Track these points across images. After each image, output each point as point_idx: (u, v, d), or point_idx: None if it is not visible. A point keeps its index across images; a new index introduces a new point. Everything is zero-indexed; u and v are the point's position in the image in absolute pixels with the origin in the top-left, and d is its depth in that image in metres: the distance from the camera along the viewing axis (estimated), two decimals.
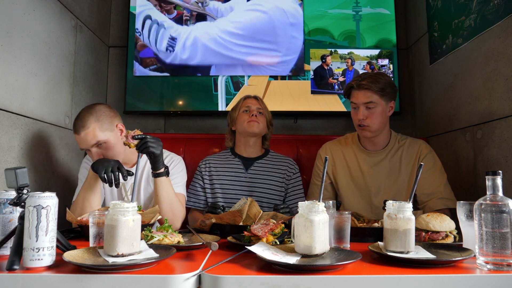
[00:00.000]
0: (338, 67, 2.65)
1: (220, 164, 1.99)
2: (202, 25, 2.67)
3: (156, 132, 2.68)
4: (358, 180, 1.88)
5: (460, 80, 2.06)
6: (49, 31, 1.97)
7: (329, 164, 1.95)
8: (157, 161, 1.56)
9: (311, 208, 1.06)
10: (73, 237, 1.44)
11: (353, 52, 2.66)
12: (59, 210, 1.05)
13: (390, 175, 1.84)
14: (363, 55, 2.65)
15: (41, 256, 0.98)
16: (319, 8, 2.70)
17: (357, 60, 2.65)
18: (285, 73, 2.64)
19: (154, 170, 1.59)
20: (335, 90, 2.64)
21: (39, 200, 0.99)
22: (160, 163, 1.58)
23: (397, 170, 1.84)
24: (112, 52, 2.78)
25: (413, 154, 1.84)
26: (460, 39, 2.05)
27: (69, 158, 2.17)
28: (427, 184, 1.76)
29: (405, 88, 2.70)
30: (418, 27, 2.59)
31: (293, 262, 0.99)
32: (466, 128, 2.00)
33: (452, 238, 1.34)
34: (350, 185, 1.90)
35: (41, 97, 1.92)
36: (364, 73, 1.84)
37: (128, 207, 1.03)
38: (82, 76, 2.35)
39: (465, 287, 0.95)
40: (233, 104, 2.12)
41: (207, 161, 2.01)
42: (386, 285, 0.94)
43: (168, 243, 1.24)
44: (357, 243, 1.34)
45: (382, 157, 1.87)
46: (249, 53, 2.65)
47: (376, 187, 1.86)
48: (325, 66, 2.66)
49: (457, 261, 1.06)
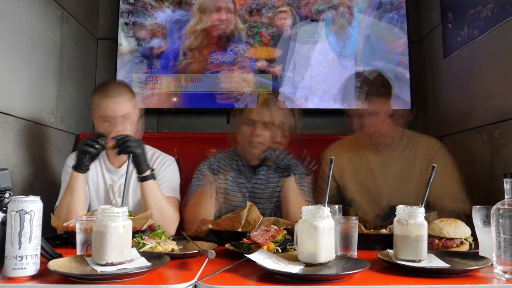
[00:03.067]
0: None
1: (223, 166, 1.96)
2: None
3: (148, 132, 2.68)
4: (368, 182, 1.89)
5: (476, 75, 2.06)
6: (33, 22, 1.97)
7: (336, 167, 1.96)
8: (139, 162, 1.57)
9: (316, 213, 1.06)
10: (58, 245, 1.44)
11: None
12: (44, 215, 1.04)
13: (401, 176, 1.85)
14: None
15: (25, 265, 0.97)
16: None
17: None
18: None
19: (139, 173, 1.59)
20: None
21: (22, 204, 0.99)
22: (144, 165, 1.59)
23: (409, 170, 1.85)
24: (101, 44, 2.77)
25: (425, 153, 1.86)
26: (476, 31, 2.05)
27: (54, 159, 2.17)
28: (438, 184, 1.77)
29: (417, 84, 2.69)
30: (431, 18, 2.59)
31: (296, 271, 0.99)
32: (482, 127, 2.00)
33: (468, 246, 1.34)
34: (360, 193, 1.92)
35: (25, 94, 1.92)
36: (376, 77, 1.87)
37: (118, 212, 1.03)
38: (68, 71, 2.35)
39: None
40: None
41: (209, 163, 1.94)
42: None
43: (161, 251, 1.24)
44: (365, 250, 1.34)
45: (393, 155, 1.88)
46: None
47: (387, 189, 1.86)
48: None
49: (473, 270, 1.06)
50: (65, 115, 2.31)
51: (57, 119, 2.22)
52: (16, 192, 1.85)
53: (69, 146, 2.36)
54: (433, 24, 2.55)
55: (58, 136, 2.23)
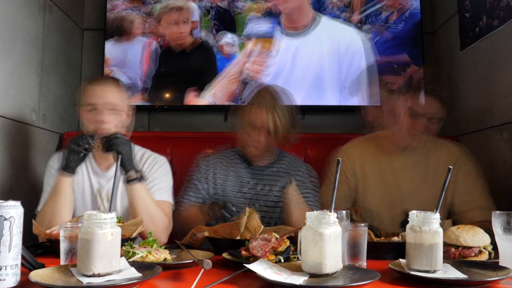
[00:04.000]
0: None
1: (223, 165, 1.96)
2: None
3: (138, 130, 2.68)
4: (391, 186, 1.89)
5: (496, 69, 2.06)
6: (12, 11, 1.97)
7: (351, 171, 1.95)
8: (123, 160, 1.57)
9: (321, 219, 1.05)
10: (41, 254, 1.44)
11: None
12: (24, 221, 1.04)
13: (424, 181, 1.87)
14: None
15: (4, 275, 0.97)
16: None
17: None
18: None
19: (124, 174, 1.60)
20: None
21: (1, 210, 0.99)
22: (128, 164, 1.59)
23: (432, 174, 1.86)
24: (87, 35, 2.78)
25: (448, 158, 1.86)
26: (496, 21, 2.05)
27: (36, 161, 2.17)
28: (463, 193, 1.77)
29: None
30: (446, 7, 2.59)
31: (299, 282, 0.99)
32: (503, 125, 2.00)
33: (487, 255, 1.34)
34: (379, 200, 1.91)
35: (3, 89, 1.92)
36: (430, 71, 1.89)
37: (106, 218, 1.03)
38: (51, 64, 2.35)
39: None
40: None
41: (208, 160, 1.98)
42: None
43: (153, 260, 1.24)
44: (375, 260, 1.34)
45: (416, 158, 1.89)
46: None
47: (410, 194, 1.87)
48: None
49: (492, 282, 1.06)
50: (48, 113, 2.31)
51: (39, 116, 2.22)
52: None
53: (52, 146, 2.36)
54: (449, 14, 2.54)
55: (40, 135, 2.23)
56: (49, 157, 2.24)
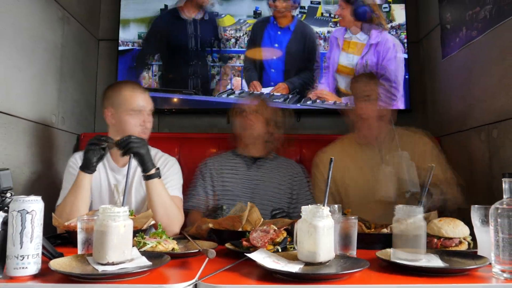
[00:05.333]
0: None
1: (221, 165, 1.98)
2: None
3: None
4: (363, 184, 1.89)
5: (475, 75, 2.06)
6: (34, 23, 1.97)
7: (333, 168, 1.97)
8: (144, 161, 1.57)
9: (315, 212, 1.05)
10: (60, 244, 1.44)
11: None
12: (45, 214, 1.04)
13: (399, 168, 1.86)
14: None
15: (26, 264, 0.97)
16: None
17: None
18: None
19: (144, 172, 1.59)
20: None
21: (23, 204, 0.99)
22: (149, 163, 1.58)
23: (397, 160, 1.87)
24: (102, 45, 2.77)
25: (416, 147, 1.89)
26: (474, 32, 2.05)
27: (55, 159, 2.17)
28: (424, 163, 1.79)
29: (416, 84, 2.70)
30: (429, 19, 2.59)
31: (295, 270, 0.99)
32: (481, 127, 2.00)
33: (466, 245, 1.34)
34: (356, 192, 1.93)
35: (26, 94, 1.92)
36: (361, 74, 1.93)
37: (119, 212, 1.03)
38: (69, 72, 2.34)
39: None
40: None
41: (208, 163, 2.01)
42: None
43: (162, 250, 1.24)
44: (364, 250, 1.34)
45: (389, 148, 1.90)
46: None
47: (386, 182, 1.87)
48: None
49: (471, 270, 1.06)
50: (66, 116, 2.31)
51: (59, 119, 2.22)
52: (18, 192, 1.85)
53: (70, 146, 2.36)
54: (432, 25, 2.55)
55: (59, 136, 2.23)
56: (68, 156, 2.24)
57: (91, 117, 2.65)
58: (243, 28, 2.68)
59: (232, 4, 2.70)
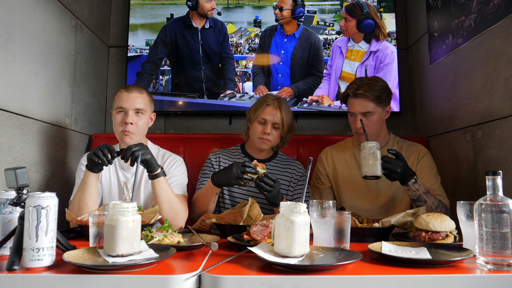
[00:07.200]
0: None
1: (230, 160, 1.97)
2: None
3: (156, 132, 2.68)
4: (359, 182, 1.89)
5: (460, 80, 2.06)
6: (49, 31, 1.97)
7: (330, 167, 1.98)
8: (149, 164, 1.56)
9: (293, 208, 1.04)
10: (73, 237, 1.44)
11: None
12: (59, 210, 1.04)
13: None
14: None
15: (41, 256, 0.98)
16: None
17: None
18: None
19: (150, 173, 1.59)
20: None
21: (39, 200, 0.99)
22: (154, 165, 1.58)
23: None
24: (112, 52, 2.77)
25: (412, 155, 1.88)
26: (460, 39, 2.05)
27: (69, 158, 2.17)
28: (424, 180, 1.77)
29: (405, 88, 2.70)
30: (418, 27, 2.59)
31: (294, 262, 0.99)
32: (466, 128, 2.00)
33: (452, 238, 1.34)
34: (352, 188, 1.92)
35: (41, 97, 1.92)
36: (360, 79, 1.84)
37: (128, 207, 1.03)
38: (82, 76, 2.34)
39: (465, 287, 0.95)
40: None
41: (217, 154, 1.98)
42: (386, 285, 0.94)
43: (168, 243, 1.24)
44: (356, 243, 1.34)
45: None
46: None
47: (377, 189, 1.87)
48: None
49: (457, 261, 1.06)
50: (79, 117, 2.31)
51: (72, 120, 2.22)
52: (34, 189, 1.87)
53: (82, 146, 2.36)
54: (420, 33, 2.54)
55: (72, 136, 2.23)
56: (80, 155, 2.26)
57: (102, 119, 2.66)
58: (244, 35, 2.68)
59: (234, 13, 2.70)
